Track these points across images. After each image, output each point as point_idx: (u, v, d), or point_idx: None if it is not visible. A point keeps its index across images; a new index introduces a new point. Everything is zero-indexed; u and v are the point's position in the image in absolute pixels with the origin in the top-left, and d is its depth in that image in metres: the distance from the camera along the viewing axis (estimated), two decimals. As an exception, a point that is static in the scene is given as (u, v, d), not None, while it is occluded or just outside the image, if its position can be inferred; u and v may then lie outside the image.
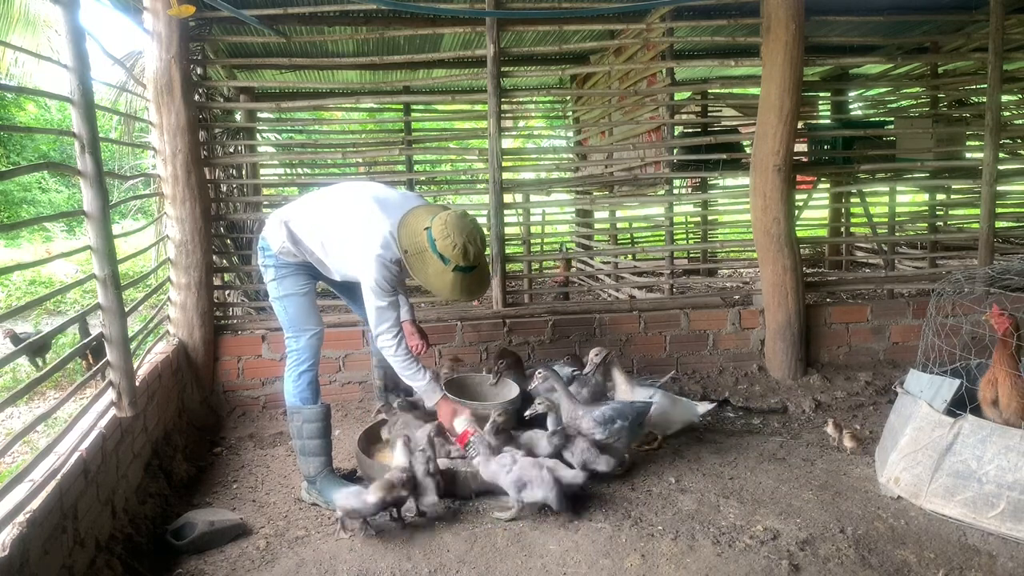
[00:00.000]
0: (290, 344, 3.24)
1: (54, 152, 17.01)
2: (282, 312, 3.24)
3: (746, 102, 6.08)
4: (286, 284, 3.23)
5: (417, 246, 2.96)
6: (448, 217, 2.94)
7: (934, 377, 3.17)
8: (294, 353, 3.22)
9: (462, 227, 2.93)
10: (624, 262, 6.99)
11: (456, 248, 2.92)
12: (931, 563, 2.55)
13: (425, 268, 2.97)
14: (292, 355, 3.23)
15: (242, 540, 2.83)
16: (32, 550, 2.00)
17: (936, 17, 5.27)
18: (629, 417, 3.23)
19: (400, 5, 4.45)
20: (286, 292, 3.23)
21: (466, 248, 2.93)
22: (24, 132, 18.10)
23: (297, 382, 3.19)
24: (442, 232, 2.91)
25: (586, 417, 3.21)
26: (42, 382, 2.53)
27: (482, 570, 2.57)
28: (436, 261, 2.96)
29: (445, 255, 2.93)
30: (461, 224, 2.94)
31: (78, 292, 8.54)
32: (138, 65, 5.39)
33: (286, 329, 3.25)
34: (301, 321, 3.23)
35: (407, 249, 2.96)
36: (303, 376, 3.20)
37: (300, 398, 3.18)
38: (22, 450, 4.30)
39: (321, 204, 3.23)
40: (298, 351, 3.22)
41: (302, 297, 3.26)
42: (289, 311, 3.23)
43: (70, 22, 2.62)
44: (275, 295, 3.25)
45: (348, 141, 6.98)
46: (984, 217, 4.95)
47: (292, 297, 3.23)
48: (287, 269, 3.24)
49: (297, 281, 3.25)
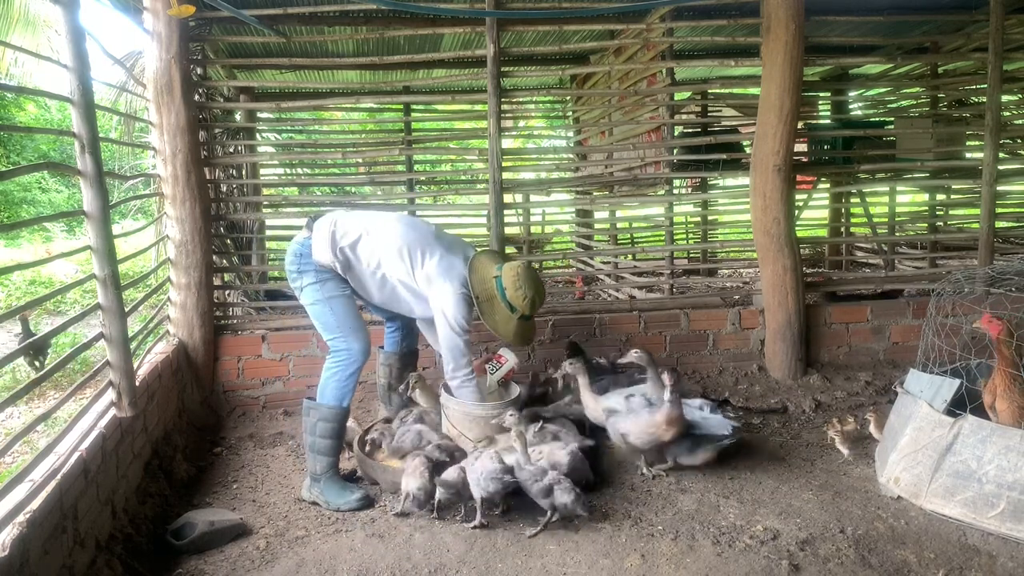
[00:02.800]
0: (339, 344, 3.24)
1: (54, 152, 16.98)
2: (327, 313, 3.25)
3: (746, 102, 6.08)
4: (329, 287, 3.27)
5: (487, 293, 3.27)
6: (520, 270, 3.28)
7: (934, 377, 3.17)
8: (344, 353, 3.22)
9: (532, 281, 3.28)
10: (624, 262, 6.99)
11: (526, 300, 3.26)
12: (931, 563, 2.55)
13: (494, 314, 3.28)
14: (341, 355, 3.22)
15: (242, 540, 2.83)
16: (32, 550, 2.00)
17: (936, 17, 5.27)
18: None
19: (400, 5, 4.45)
20: (331, 294, 3.26)
21: (534, 301, 3.28)
22: (24, 132, 18.09)
23: (346, 382, 3.21)
24: (514, 284, 3.25)
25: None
26: (42, 382, 2.53)
27: (482, 570, 2.57)
28: (504, 309, 3.29)
29: (515, 304, 3.27)
30: (532, 278, 3.29)
31: (78, 292, 8.53)
32: (138, 65, 5.38)
33: (331, 330, 3.25)
34: (352, 321, 3.26)
35: (479, 296, 3.25)
36: (352, 377, 3.22)
37: (344, 399, 3.20)
38: (22, 450, 4.30)
39: (386, 238, 3.29)
40: (350, 351, 3.22)
41: (347, 299, 3.30)
42: (336, 311, 3.25)
43: (70, 22, 2.63)
44: (317, 297, 3.25)
45: (348, 141, 6.98)
46: (984, 217, 4.95)
47: (338, 299, 3.27)
48: (327, 274, 3.28)
49: (338, 284, 3.30)
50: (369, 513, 3.04)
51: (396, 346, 3.84)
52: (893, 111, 6.50)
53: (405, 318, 3.75)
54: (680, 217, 7.00)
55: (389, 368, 3.85)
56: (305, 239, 3.30)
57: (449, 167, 9.92)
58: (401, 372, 3.85)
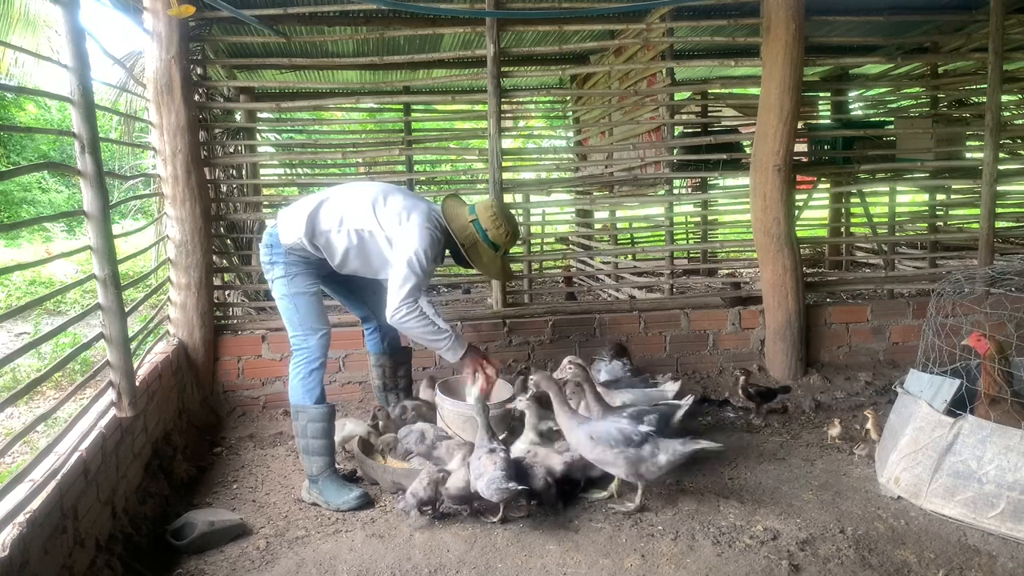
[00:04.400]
0: (298, 343, 3.24)
1: (54, 152, 17.00)
2: (292, 310, 3.24)
3: (746, 102, 6.08)
4: (296, 283, 3.24)
5: (471, 238, 3.28)
6: (495, 208, 3.29)
7: (934, 377, 3.17)
8: (304, 351, 3.23)
9: (508, 216, 3.30)
10: (624, 262, 6.99)
11: (508, 236, 3.29)
12: (931, 563, 2.55)
13: (481, 257, 3.31)
14: (301, 353, 3.23)
15: (242, 540, 2.83)
16: (32, 550, 2.00)
17: (936, 17, 5.27)
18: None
19: (400, 5, 4.45)
20: (296, 290, 3.24)
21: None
22: (24, 132, 18.09)
23: (307, 380, 3.20)
24: (494, 223, 3.25)
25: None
26: (42, 382, 2.53)
27: (482, 570, 2.57)
28: (488, 250, 3.31)
29: (497, 242, 3.29)
30: (506, 213, 3.30)
31: (78, 292, 8.53)
32: (138, 65, 5.38)
33: (294, 327, 3.25)
34: (312, 319, 3.24)
35: (463, 243, 3.25)
36: (314, 374, 3.21)
37: (310, 396, 3.19)
38: (22, 450, 4.30)
39: (346, 196, 3.27)
40: (308, 349, 3.22)
41: (312, 296, 3.28)
42: (300, 309, 3.23)
43: (70, 22, 2.62)
44: (283, 292, 3.25)
45: (348, 141, 6.97)
46: (984, 217, 4.95)
47: (302, 296, 3.25)
48: (296, 267, 3.25)
49: (306, 280, 3.27)
50: (369, 513, 3.04)
51: (378, 346, 3.81)
52: (893, 111, 6.49)
53: (381, 316, 3.54)
54: (680, 217, 7.00)
55: (382, 368, 3.84)
56: (272, 228, 3.30)
57: (449, 167, 9.92)
58: (395, 371, 3.85)
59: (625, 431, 2.83)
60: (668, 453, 2.81)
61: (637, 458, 2.80)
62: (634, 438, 2.81)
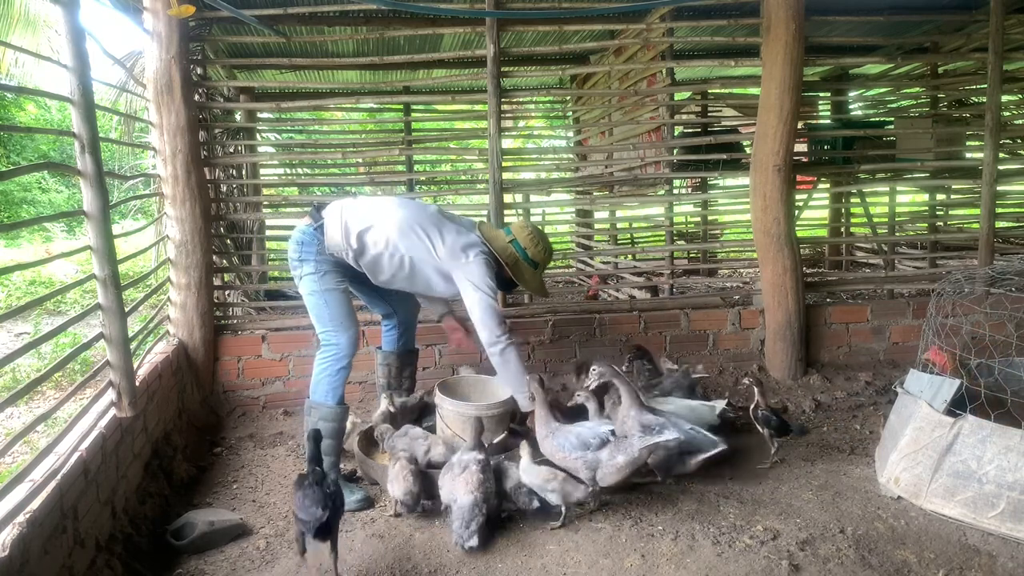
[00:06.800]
0: (328, 338, 3.25)
1: (54, 152, 16.99)
2: (322, 306, 3.25)
3: (746, 102, 6.08)
4: (327, 279, 3.27)
5: (512, 257, 3.41)
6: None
7: (934, 377, 3.17)
8: (333, 348, 3.23)
9: (542, 235, 3.49)
10: (624, 262, 6.99)
11: (545, 253, 3.47)
12: (931, 563, 2.55)
13: (523, 274, 3.44)
14: (330, 349, 3.24)
15: (242, 540, 2.83)
16: (32, 550, 2.00)
17: (936, 17, 5.27)
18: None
19: (400, 5, 4.45)
20: (327, 287, 3.26)
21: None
22: (24, 132, 18.09)
23: (333, 377, 3.22)
24: (532, 242, 3.42)
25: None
26: (42, 382, 2.53)
27: (482, 570, 2.57)
28: (528, 268, 3.45)
29: (535, 260, 3.45)
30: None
31: (78, 292, 8.53)
32: (138, 65, 5.38)
33: (324, 323, 3.26)
34: (343, 316, 3.26)
35: (507, 262, 3.39)
36: (340, 373, 3.23)
37: (333, 395, 3.21)
38: (22, 450, 4.30)
39: (396, 219, 3.29)
40: (339, 346, 3.23)
41: (341, 293, 3.31)
42: (331, 305, 3.25)
43: (70, 22, 2.62)
44: (313, 288, 3.26)
45: (348, 141, 6.97)
46: (984, 217, 4.95)
47: (334, 292, 3.27)
48: (327, 265, 3.28)
49: (335, 277, 3.30)
50: (369, 513, 3.04)
51: (393, 344, 3.83)
52: (893, 111, 6.50)
53: (403, 315, 3.75)
54: (680, 217, 7.00)
55: (388, 368, 3.84)
56: (307, 227, 3.29)
57: (449, 167, 9.92)
58: (400, 372, 3.85)
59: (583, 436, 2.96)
60: (626, 453, 2.89)
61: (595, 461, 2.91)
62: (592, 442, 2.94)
